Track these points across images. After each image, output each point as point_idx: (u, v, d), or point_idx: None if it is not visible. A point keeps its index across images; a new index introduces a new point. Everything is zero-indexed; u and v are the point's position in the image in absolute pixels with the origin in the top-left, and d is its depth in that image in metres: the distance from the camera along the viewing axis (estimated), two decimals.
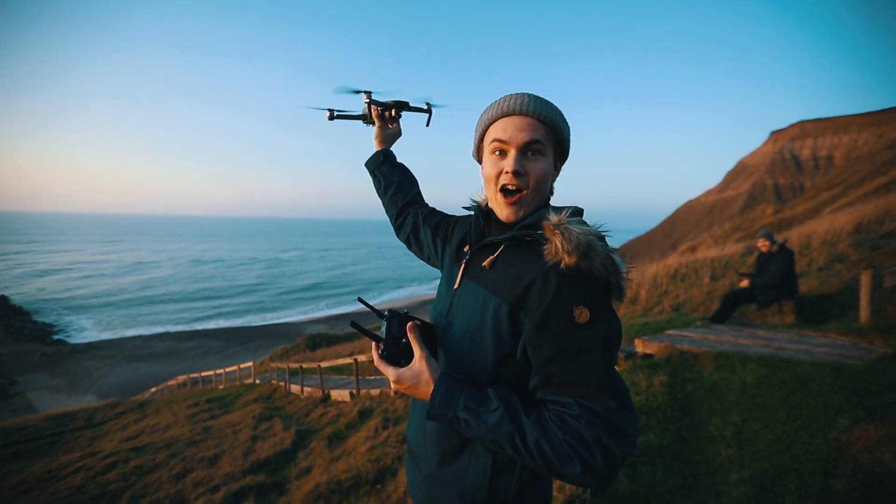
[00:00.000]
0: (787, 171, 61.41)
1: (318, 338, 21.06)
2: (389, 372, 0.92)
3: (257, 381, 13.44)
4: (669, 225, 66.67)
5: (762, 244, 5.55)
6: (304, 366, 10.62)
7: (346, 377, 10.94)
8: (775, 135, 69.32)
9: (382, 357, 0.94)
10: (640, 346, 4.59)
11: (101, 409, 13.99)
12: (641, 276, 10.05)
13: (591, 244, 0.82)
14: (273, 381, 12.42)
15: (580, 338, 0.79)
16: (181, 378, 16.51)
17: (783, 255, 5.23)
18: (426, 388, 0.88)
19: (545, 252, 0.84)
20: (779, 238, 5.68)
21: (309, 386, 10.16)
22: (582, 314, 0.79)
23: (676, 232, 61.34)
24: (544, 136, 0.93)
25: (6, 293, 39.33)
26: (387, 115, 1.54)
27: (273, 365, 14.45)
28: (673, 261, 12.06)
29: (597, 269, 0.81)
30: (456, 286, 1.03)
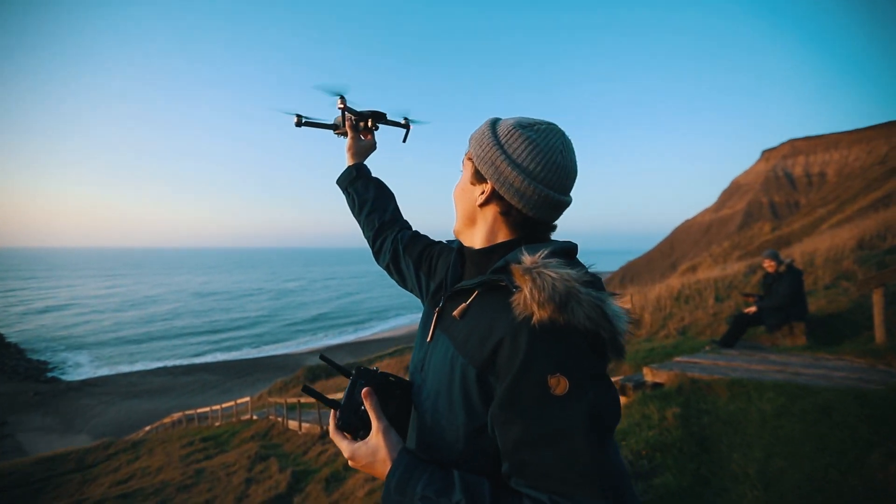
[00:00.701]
0: (781, 189, 62.01)
1: (318, 369, 20.67)
2: (343, 446, 0.78)
3: (254, 417, 13.05)
4: (668, 245, 66.78)
5: (768, 265, 5.41)
6: (302, 401, 10.30)
7: None
8: (767, 153, 70.33)
9: (338, 427, 0.79)
10: (648, 376, 4.40)
11: (93, 450, 13.51)
12: (644, 299, 9.89)
13: (572, 291, 0.66)
14: (270, 417, 12.05)
15: (557, 415, 0.63)
16: (176, 415, 16.06)
17: (791, 276, 5.09)
18: (382, 468, 0.74)
19: (513, 303, 0.68)
20: (784, 257, 5.56)
21: (307, 421, 9.83)
22: (559, 384, 0.63)
23: (675, 252, 61.37)
24: (465, 157, 0.90)
25: (3, 331, 38.85)
26: (361, 126, 1.40)
27: (271, 400, 14.06)
28: (675, 282, 11.91)
29: (580, 322, 0.65)
30: (429, 338, 0.89)
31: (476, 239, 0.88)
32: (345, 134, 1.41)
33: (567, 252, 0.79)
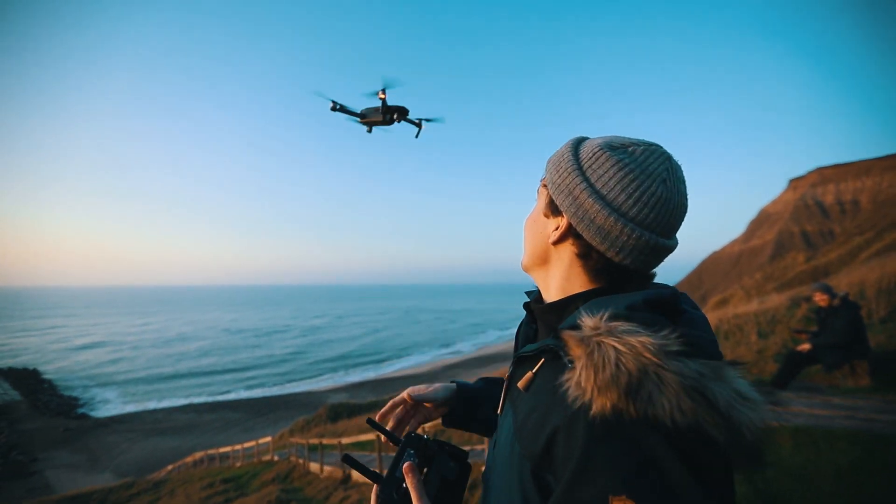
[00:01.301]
0: (812, 218, 60.05)
1: (340, 407, 20.31)
2: None
3: (275, 458, 12.77)
4: (696, 277, 64.82)
5: (820, 298, 5.03)
6: (325, 442, 10.02)
7: (368, 453, 10.26)
8: (794, 182, 68.68)
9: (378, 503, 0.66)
10: None
11: (115, 489, 13.41)
12: None
13: (649, 370, 0.46)
14: (292, 458, 11.76)
15: None
16: (198, 454, 15.88)
17: (848, 309, 4.71)
18: None
19: (566, 385, 0.50)
20: (836, 290, 5.19)
21: (329, 464, 9.52)
22: None
23: (705, 284, 59.46)
24: (540, 184, 0.75)
25: (41, 367, 40.01)
26: (386, 119, 1.43)
27: (292, 440, 13.79)
28: (710, 316, 11.40)
29: (664, 416, 0.45)
30: (499, 409, 0.74)
31: (550, 283, 0.71)
32: (369, 129, 1.44)
33: (658, 304, 0.57)
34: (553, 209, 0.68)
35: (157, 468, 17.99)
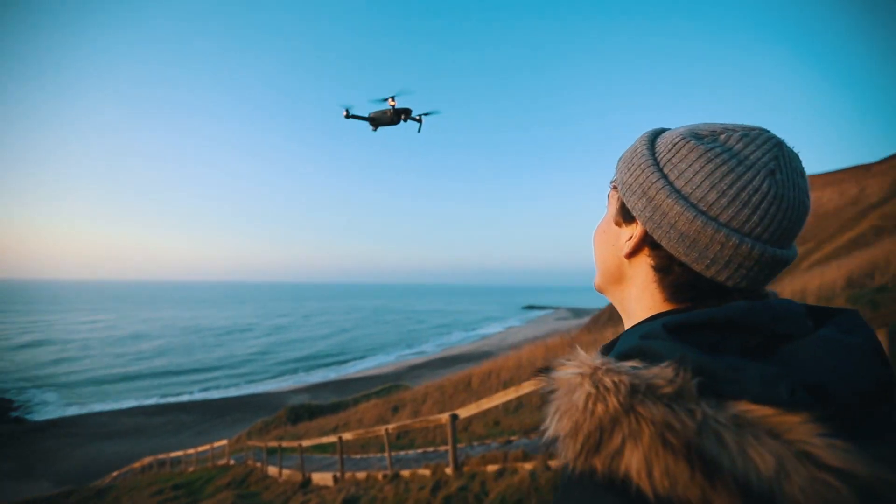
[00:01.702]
0: None
1: (300, 409, 19.83)
2: None
3: (231, 462, 12.31)
4: None
5: None
6: (284, 445, 9.74)
7: (329, 456, 10.06)
8: None
9: None
10: None
11: (52, 498, 12.54)
12: None
13: (619, 420, 0.36)
14: (249, 462, 11.37)
15: None
16: (147, 459, 15.10)
17: None
18: None
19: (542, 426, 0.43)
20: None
21: (288, 467, 9.25)
22: None
23: None
24: (610, 189, 0.63)
25: None
26: (394, 120, 1.49)
27: (250, 443, 13.33)
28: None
29: (630, 477, 0.34)
30: None
31: (627, 305, 0.59)
32: (374, 128, 1.42)
33: (693, 328, 0.45)
34: (625, 215, 0.56)
35: (101, 475, 16.96)
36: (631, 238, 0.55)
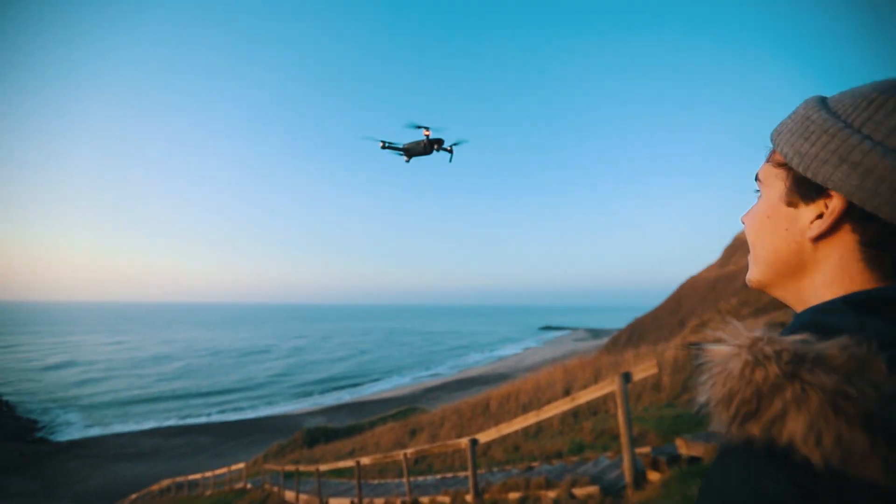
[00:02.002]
0: None
1: (317, 432, 19.71)
2: None
3: (248, 486, 12.24)
4: (675, 301, 65.79)
5: None
6: (301, 468, 9.67)
7: (346, 481, 9.92)
8: None
9: None
10: (683, 448, 4.06)
11: None
12: (661, 359, 9.52)
13: (782, 386, 0.33)
14: (266, 486, 11.28)
15: None
16: (165, 482, 15.12)
17: None
18: None
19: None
20: None
21: (305, 492, 9.16)
22: None
23: (683, 308, 60.46)
24: (765, 167, 0.55)
25: (0, 388, 37.86)
26: (427, 151, 1.54)
27: (267, 466, 13.26)
28: (690, 340, 11.57)
29: (794, 445, 0.32)
30: None
31: (818, 294, 0.48)
32: (408, 159, 1.47)
33: (877, 303, 0.41)
34: (805, 192, 0.48)
35: (121, 497, 17.02)
36: (822, 216, 0.46)
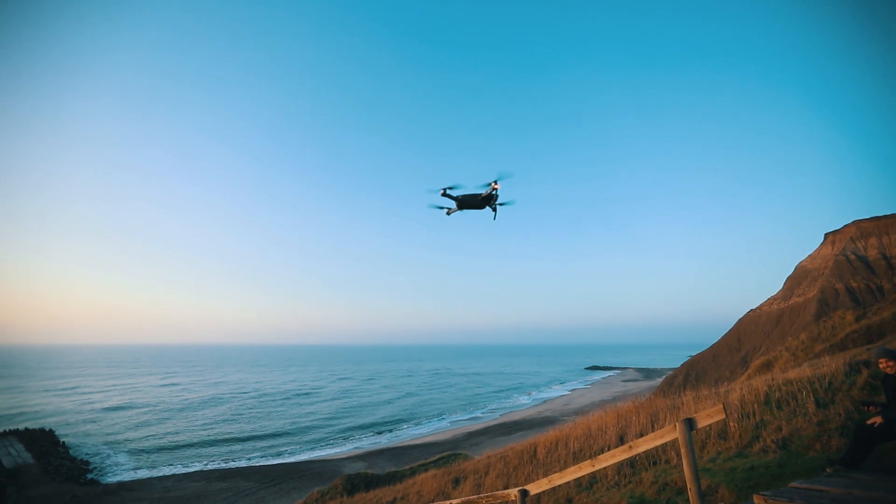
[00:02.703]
0: (857, 273, 57.38)
1: (357, 479, 19.14)
2: None
3: None
4: (734, 338, 61.62)
5: (885, 365, 4.50)
6: None
7: None
8: (831, 236, 66.61)
9: None
10: None
11: None
12: (725, 402, 8.63)
13: None
14: None
15: None
16: None
17: None
18: None
19: None
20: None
21: None
22: None
23: (744, 346, 56.36)
24: None
25: (58, 429, 39.82)
26: (481, 203, 1.42)
27: None
28: (757, 382, 10.48)
29: None
30: None
31: None
32: (456, 209, 1.35)
33: None
34: None
35: None
36: None
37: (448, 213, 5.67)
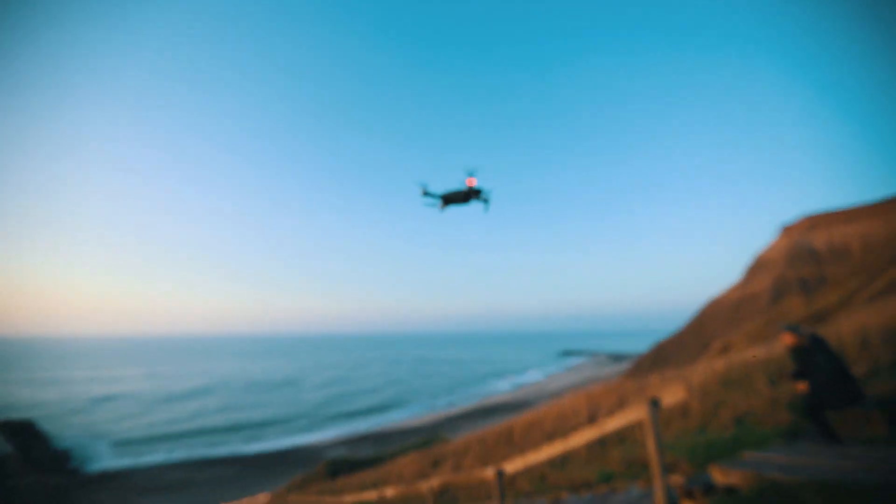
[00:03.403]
0: (806, 264, 60.70)
1: (339, 463, 19.49)
2: None
3: None
4: (697, 324, 64.38)
5: (790, 339, 4.99)
6: (326, 500, 9.59)
7: None
8: (787, 229, 70.01)
9: None
10: (718, 476, 3.98)
11: None
12: (689, 383, 9.32)
13: None
14: None
15: None
16: None
17: (820, 346, 4.70)
18: None
19: None
20: (804, 329, 5.13)
21: None
22: None
23: (706, 331, 59.02)
24: None
25: (39, 420, 38.52)
26: (464, 198, 1.69)
27: (291, 498, 13.15)
28: (717, 364, 11.29)
29: None
30: None
31: None
32: (444, 206, 1.58)
33: None
34: None
35: None
36: None
37: (442, 209, 5.93)
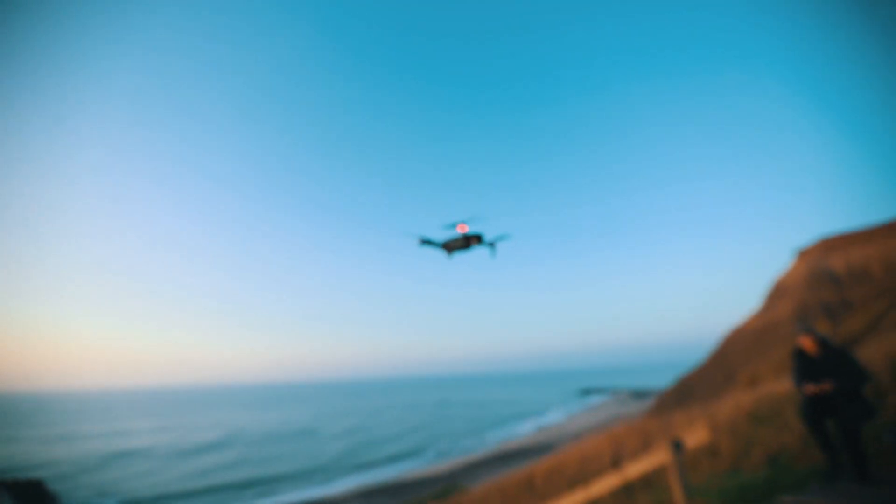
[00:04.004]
0: (827, 287, 59.23)
1: None
2: None
3: None
4: (721, 355, 62.35)
5: (809, 344, 4.62)
6: None
7: None
8: (803, 253, 68.90)
9: None
10: None
11: None
12: (714, 420, 8.88)
13: None
14: None
15: None
16: None
17: (838, 351, 4.43)
18: None
19: None
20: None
21: None
22: None
23: (729, 362, 57.02)
24: None
25: (48, 479, 37.79)
26: (464, 244, 1.65)
27: None
28: (744, 398, 10.79)
29: None
30: None
31: None
32: (450, 253, 1.57)
33: None
34: None
35: None
36: None
37: (449, 256, 5.93)
